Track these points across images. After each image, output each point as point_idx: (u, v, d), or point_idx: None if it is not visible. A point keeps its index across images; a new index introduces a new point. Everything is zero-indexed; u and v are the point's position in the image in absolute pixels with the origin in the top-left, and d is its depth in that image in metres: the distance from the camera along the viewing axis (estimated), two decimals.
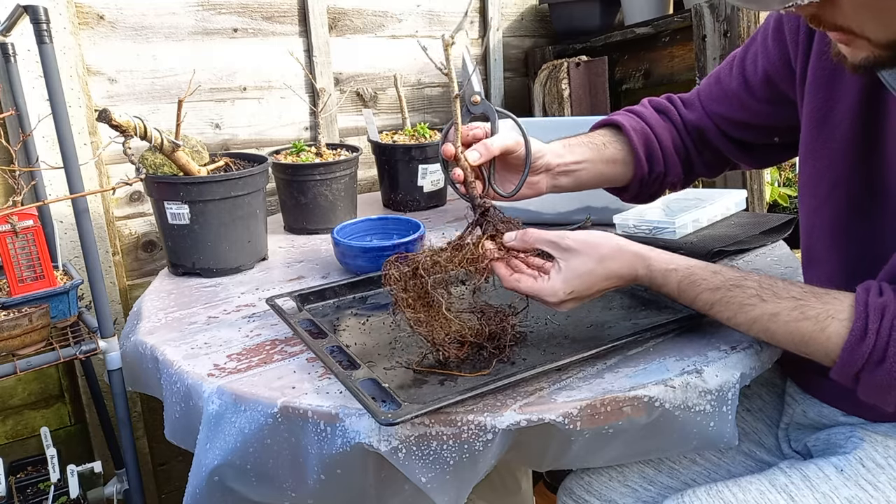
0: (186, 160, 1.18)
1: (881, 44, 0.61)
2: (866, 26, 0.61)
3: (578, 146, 1.01)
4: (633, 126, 1.03)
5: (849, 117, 0.79)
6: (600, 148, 1.02)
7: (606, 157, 1.02)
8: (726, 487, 0.78)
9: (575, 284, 0.80)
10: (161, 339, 0.98)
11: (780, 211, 1.74)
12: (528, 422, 0.72)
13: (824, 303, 0.72)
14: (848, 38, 0.63)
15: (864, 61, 0.64)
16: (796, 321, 0.72)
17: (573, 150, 1.00)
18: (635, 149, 1.01)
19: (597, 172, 1.02)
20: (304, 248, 1.38)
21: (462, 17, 0.85)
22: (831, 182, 0.83)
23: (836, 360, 0.70)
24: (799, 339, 0.73)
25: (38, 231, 1.12)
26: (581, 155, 1.00)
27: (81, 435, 1.64)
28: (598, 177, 1.02)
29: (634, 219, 1.29)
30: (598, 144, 1.02)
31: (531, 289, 0.81)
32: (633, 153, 1.02)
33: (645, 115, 1.05)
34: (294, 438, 0.77)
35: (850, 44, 0.64)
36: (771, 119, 0.96)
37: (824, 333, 0.70)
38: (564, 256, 0.81)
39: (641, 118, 1.05)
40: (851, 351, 0.68)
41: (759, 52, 0.93)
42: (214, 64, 1.68)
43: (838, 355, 0.69)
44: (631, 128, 1.02)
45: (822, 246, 0.86)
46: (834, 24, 0.62)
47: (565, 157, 0.98)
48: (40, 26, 0.98)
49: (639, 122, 1.04)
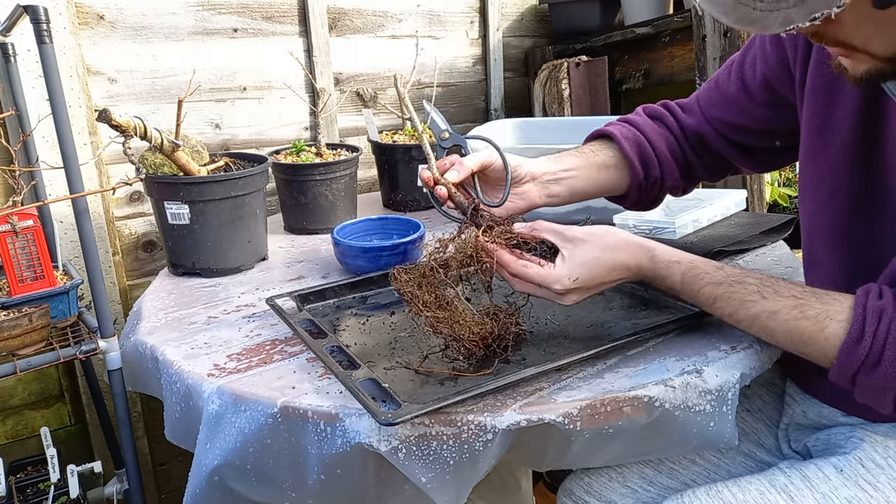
0: (186, 160, 1.18)
1: (883, 57, 0.61)
2: (869, 41, 0.61)
3: (566, 156, 1.02)
4: (623, 133, 1.03)
5: (849, 122, 0.79)
6: (589, 155, 1.03)
7: (598, 163, 1.02)
8: (726, 488, 0.78)
9: (580, 272, 0.81)
10: (161, 339, 0.98)
11: (780, 211, 1.74)
12: (528, 422, 0.72)
13: (824, 303, 0.72)
14: (849, 52, 0.63)
15: (865, 74, 0.64)
16: (795, 320, 0.73)
17: (560, 160, 1.01)
18: (627, 154, 1.02)
19: (590, 179, 1.02)
20: (304, 248, 1.38)
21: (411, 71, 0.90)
22: (832, 186, 0.83)
23: (833, 361, 0.70)
24: (798, 338, 0.73)
25: (38, 231, 1.12)
26: (569, 163, 1.01)
27: (81, 435, 1.64)
28: (592, 183, 1.03)
29: (634, 219, 1.29)
30: (587, 152, 1.03)
31: (538, 274, 0.81)
32: (626, 159, 1.02)
33: (637, 123, 1.06)
34: (294, 438, 0.77)
35: (852, 57, 0.64)
36: (771, 123, 0.96)
37: (823, 334, 0.71)
38: (569, 246, 0.82)
39: (634, 125, 1.06)
40: (848, 353, 0.68)
41: (758, 57, 0.93)
42: (214, 64, 1.68)
43: (835, 357, 0.70)
44: (621, 135, 1.03)
45: (822, 249, 0.86)
46: (835, 40, 0.62)
47: (552, 167, 1.00)
48: (40, 26, 0.98)
49: (630, 130, 1.05)
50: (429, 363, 0.84)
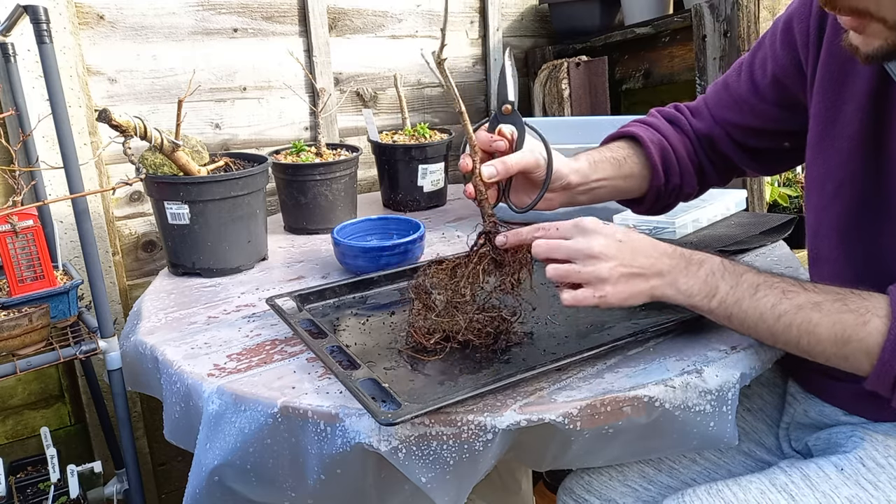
0: (186, 160, 1.18)
1: None
2: (882, 5, 0.59)
3: (603, 163, 0.99)
4: (650, 139, 1.02)
5: (858, 117, 0.79)
6: (621, 163, 1.01)
7: (625, 173, 1.01)
8: (726, 487, 0.78)
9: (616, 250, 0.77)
10: (161, 339, 0.98)
11: (780, 211, 1.74)
12: (528, 422, 0.72)
13: (863, 298, 0.70)
14: (862, 23, 0.62)
15: (877, 50, 0.63)
16: (839, 312, 0.70)
17: (598, 169, 0.98)
18: (654, 162, 1.00)
19: (615, 189, 1.01)
20: (304, 248, 1.38)
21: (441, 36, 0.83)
22: (839, 181, 0.82)
23: (875, 360, 0.68)
24: (841, 331, 0.69)
25: (38, 231, 1.12)
26: (604, 173, 0.99)
27: (81, 435, 1.64)
28: (614, 192, 1.02)
29: (635, 219, 1.29)
30: (620, 160, 1.01)
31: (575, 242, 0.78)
32: (651, 167, 1.01)
33: (659, 127, 1.05)
34: (294, 438, 0.77)
35: (864, 31, 0.63)
36: (781, 123, 0.96)
37: (866, 328, 0.68)
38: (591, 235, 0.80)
39: (656, 130, 1.04)
40: (893, 350, 0.66)
41: (768, 56, 0.93)
42: (214, 64, 1.68)
43: (878, 355, 0.67)
44: (649, 140, 1.01)
45: (828, 244, 0.86)
46: (849, 6, 0.61)
47: (587, 175, 0.97)
48: (40, 26, 0.98)
49: (655, 135, 1.03)
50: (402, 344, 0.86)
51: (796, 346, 0.73)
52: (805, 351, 0.73)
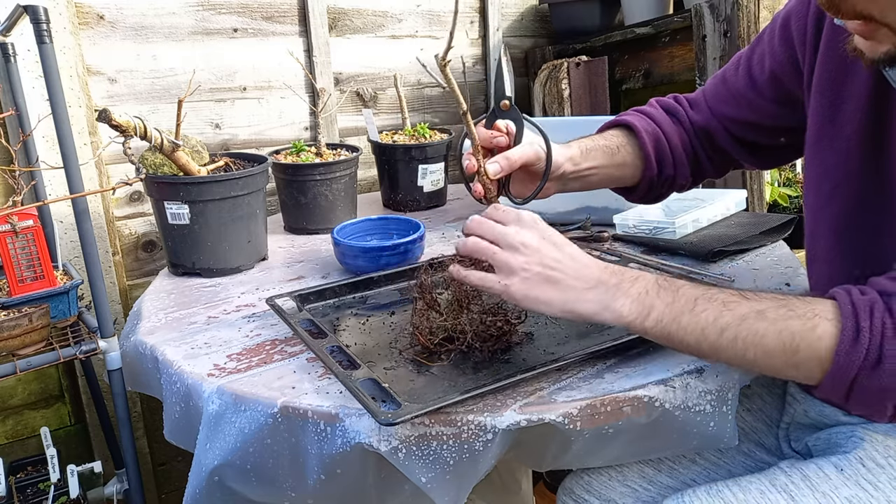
0: (186, 160, 1.18)
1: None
2: (887, 11, 0.58)
3: (595, 151, 1.00)
4: (644, 128, 1.02)
5: (857, 117, 0.79)
6: (614, 152, 1.01)
7: (618, 162, 1.02)
8: (726, 487, 0.78)
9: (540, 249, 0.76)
10: (161, 339, 0.98)
11: (780, 211, 1.74)
12: (528, 422, 0.72)
13: (808, 303, 0.68)
14: (868, 28, 0.61)
15: (884, 56, 0.62)
16: (785, 319, 0.66)
17: (588, 156, 0.99)
18: (647, 152, 1.01)
19: (607, 176, 1.02)
20: (304, 248, 1.38)
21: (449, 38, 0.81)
22: (836, 180, 0.82)
23: (828, 366, 0.65)
24: (789, 339, 0.66)
25: (38, 231, 1.12)
26: (596, 160, 1.00)
27: (81, 435, 1.64)
28: (606, 179, 1.03)
29: (634, 219, 1.29)
30: (613, 149, 1.01)
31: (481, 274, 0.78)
32: (645, 157, 1.02)
33: (655, 117, 1.05)
34: (294, 438, 0.77)
35: (871, 36, 0.62)
36: (778, 119, 0.96)
37: (815, 333, 0.65)
38: None
39: (653, 119, 1.05)
40: (847, 353, 0.64)
41: (766, 52, 0.93)
42: (214, 64, 1.68)
43: (831, 360, 0.64)
44: (643, 129, 1.02)
45: (825, 244, 0.86)
46: (854, 11, 0.60)
47: (579, 163, 0.98)
48: (40, 26, 0.98)
49: (650, 124, 1.04)
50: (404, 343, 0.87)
51: (742, 359, 0.69)
52: (752, 363, 0.69)
